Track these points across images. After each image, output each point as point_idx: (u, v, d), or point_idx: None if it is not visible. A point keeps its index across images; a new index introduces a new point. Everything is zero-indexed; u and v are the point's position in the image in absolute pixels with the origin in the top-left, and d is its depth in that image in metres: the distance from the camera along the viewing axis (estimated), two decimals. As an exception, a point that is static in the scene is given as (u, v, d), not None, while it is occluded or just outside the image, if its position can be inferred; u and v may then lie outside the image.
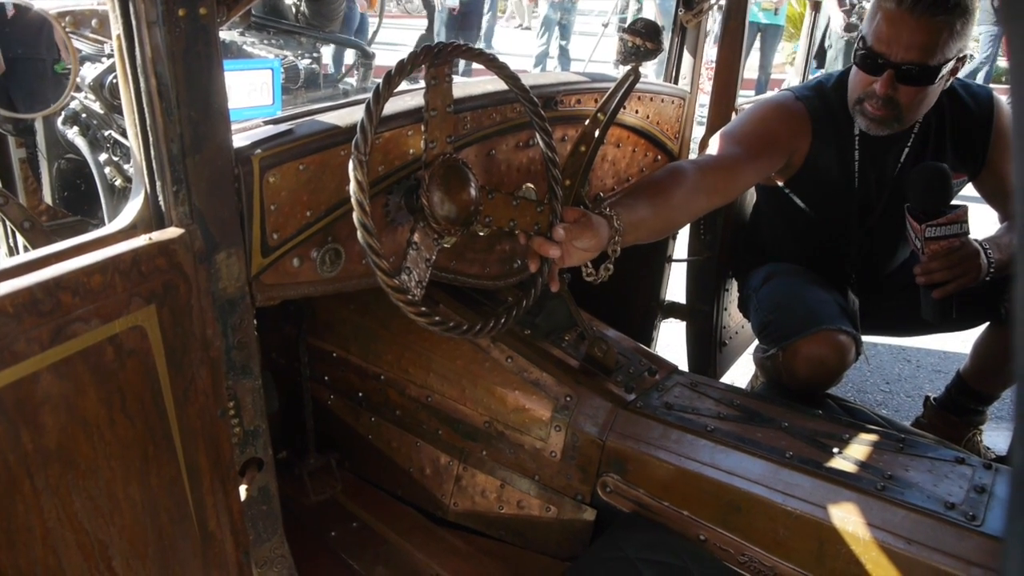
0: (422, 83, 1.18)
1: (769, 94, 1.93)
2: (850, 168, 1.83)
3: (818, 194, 1.87)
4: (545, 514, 1.49)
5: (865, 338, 1.88)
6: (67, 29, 1.43)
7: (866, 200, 1.86)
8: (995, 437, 2.20)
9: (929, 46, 1.56)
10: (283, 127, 1.10)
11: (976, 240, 1.60)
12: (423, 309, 1.13)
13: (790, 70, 9.36)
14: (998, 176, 1.76)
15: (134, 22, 0.84)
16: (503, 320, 1.28)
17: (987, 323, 1.90)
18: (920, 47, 1.57)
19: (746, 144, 1.75)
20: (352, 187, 1.04)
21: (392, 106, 1.20)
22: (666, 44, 1.75)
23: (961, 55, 1.62)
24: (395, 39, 8.97)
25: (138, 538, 0.89)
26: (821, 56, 6.16)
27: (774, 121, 1.80)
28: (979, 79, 7.79)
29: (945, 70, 1.61)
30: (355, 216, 1.05)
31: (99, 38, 1.60)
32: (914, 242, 1.62)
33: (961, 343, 2.32)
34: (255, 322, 1.05)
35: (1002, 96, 1.87)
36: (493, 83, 1.38)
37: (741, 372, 2.59)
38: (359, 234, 1.05)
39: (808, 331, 1.69)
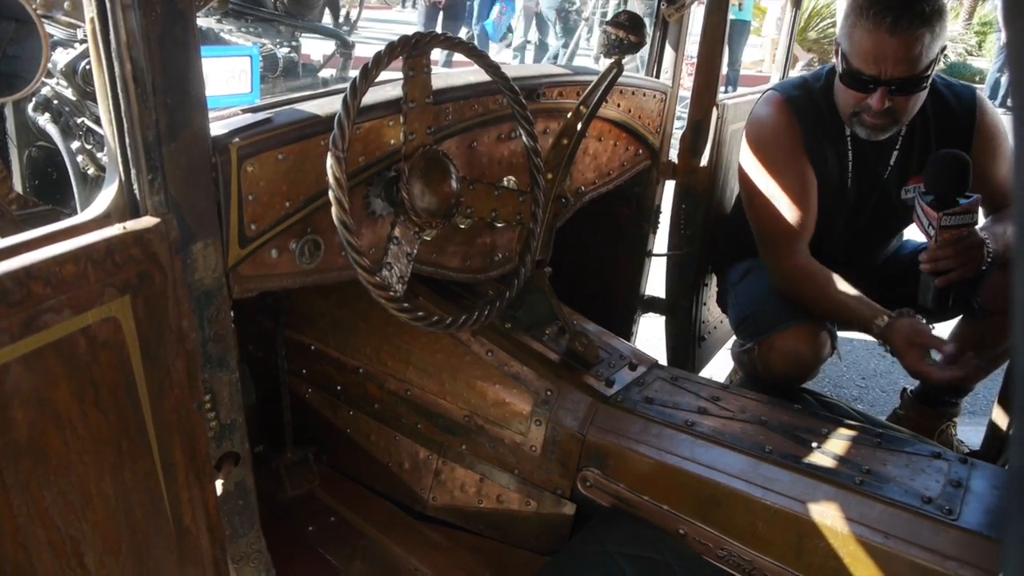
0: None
1: (762, 100, 1.92)
2: (844, 170, 1.84)
3: None
4: (525, 508, 1.48)
5: (841, 334, 1.89)
6: (38, 12, 1.39)
7: (856, 201, 1.87)
8: (968, 432, 2.22)
9: (915, 58, 1.59)
10: (262, 116, 1.08)
11: (980, 230, 1.62)
12: (405, 305, 1.12)
13: (771, 66, 9.42)
14: (983, 172, 1.76)
15: (108, 5, 0.82)
16: (484, 313, 1.27)
17: (961, 316, 1.93)
18: (907, 61, 1.59)
19: (801, 181, 1.80)
20: (331, 184, 1.02)
21: (372, 96, 1.18)
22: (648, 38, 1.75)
23: (943, 48, 1.64)
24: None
25: (111, 534, 0.87)
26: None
27: (788, 147, 1.81)
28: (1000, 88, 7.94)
29: (933, 69, 1.63)
30: (334, 213, 1.03)
31: (72, 21, 1.56)
32: (927, 229, 1.63)
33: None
34: (232, 314, 1.03)
35: (984, 95, 1.89)
36: (475, 74, 1.36)
37: (720, 367, 2.60)
38: (339, 231, 1.04)
39: (783, 326, 1.73)
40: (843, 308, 1.71)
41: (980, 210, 1.67)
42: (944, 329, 2.00)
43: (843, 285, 1.72)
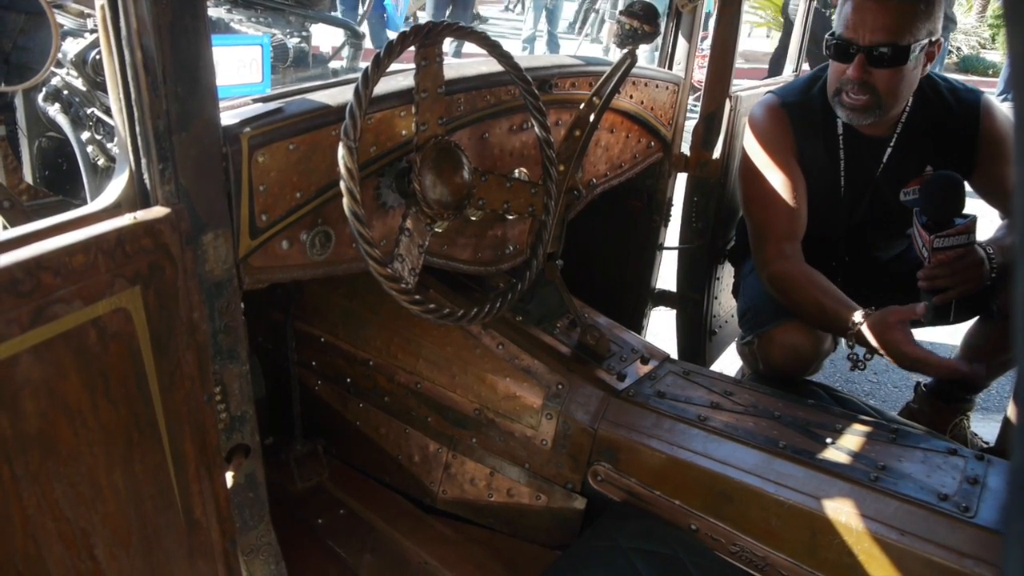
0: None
1: (759, 102, 1.91)
2: (836, 167, 1.84)
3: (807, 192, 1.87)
4: (535, 502, 1.48)
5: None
6: (48, 0, 1.38)
7: (851, 199, 1.87)
8: (981, 427, 2.20)
9: (895, 27, 1.59)
10: (273, 105, 1.07)
11: (981, 246, 1.59)
12: (417, 297, 1.11)
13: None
14: (993, 178, 1.75)
15: None
16: (495, 306, 1.26)
17: (978, 318, 1.90)
18: (886, 28, 1.59)
19: (789, 185, 1.79)
20: (342, 174, 1.01)
21: (384, 86, 1.17)
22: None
23: (933, 39, 1.64)
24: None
25: (121, 526, 0.87)
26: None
27: (779, 151, 1.81)
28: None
29: (917, 50, 1.62)
30: (345, 204, 1.02)
31: (82, 10, 1.55)
32: (920, 250, 1.62)
33: (948, 333, 2.33)
34: (242, 306, 1.03)
35: (992, 98, 1.86)
36: (487, 64, 1.35)
37: (731, 361, 2.58)
38: (350, 223, 1.03)
39: (783, 319, 1.73)
40: (820, 312, 1.65)
41: (997, 213, 1.65)
42: (958, 331, 1.98)
43: (825, 290, 1.66)
